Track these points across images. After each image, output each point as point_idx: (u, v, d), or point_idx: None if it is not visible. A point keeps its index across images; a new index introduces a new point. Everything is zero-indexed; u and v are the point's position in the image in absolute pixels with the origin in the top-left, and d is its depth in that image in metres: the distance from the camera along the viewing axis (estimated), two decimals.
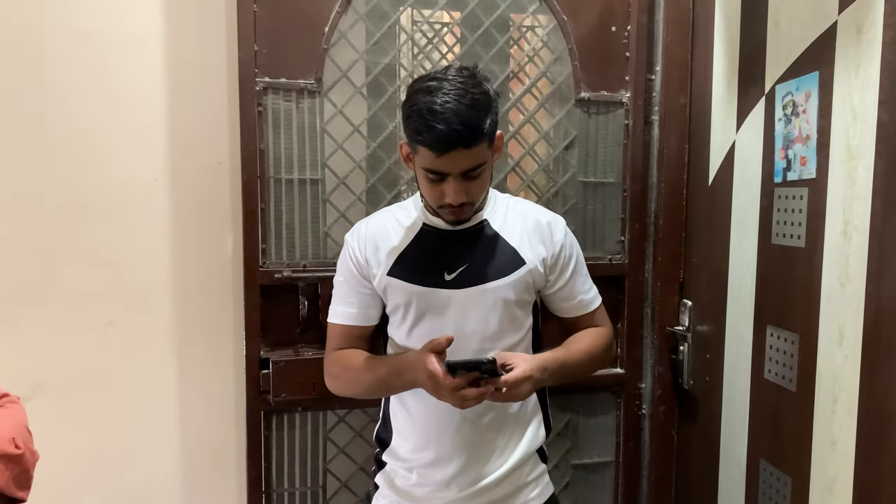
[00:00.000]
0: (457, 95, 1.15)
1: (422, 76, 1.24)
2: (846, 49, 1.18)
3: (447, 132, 1.14)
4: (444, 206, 1.27)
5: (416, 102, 1.17)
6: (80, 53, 1.60)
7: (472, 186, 1.24)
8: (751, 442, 1.50)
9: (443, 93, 1.15)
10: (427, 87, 1.18)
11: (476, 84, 1.19)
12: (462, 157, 1.18)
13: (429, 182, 1.24)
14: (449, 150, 1.17)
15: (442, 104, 1.14)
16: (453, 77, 1.18)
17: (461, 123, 1.14)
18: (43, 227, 1.62)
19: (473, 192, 1.25)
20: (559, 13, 1.69)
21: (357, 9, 1.61)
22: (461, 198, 1.23)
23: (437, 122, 1.14)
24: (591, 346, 1.42)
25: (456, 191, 1.22)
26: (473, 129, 1.17)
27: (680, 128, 1.73)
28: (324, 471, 1.71)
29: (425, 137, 1.16)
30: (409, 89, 1.23)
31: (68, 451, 1.67)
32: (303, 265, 1.62)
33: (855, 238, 1.16)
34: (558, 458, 1.80)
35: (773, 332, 1.40)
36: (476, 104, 1.17)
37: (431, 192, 1.26)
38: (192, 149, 1.68)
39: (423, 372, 1.21)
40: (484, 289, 1.33)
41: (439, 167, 1.20)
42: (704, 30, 1.66)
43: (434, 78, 1.19)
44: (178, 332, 1.72)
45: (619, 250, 1.78)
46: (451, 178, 1.21)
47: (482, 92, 1.19)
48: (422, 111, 1.15)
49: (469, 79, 1.19)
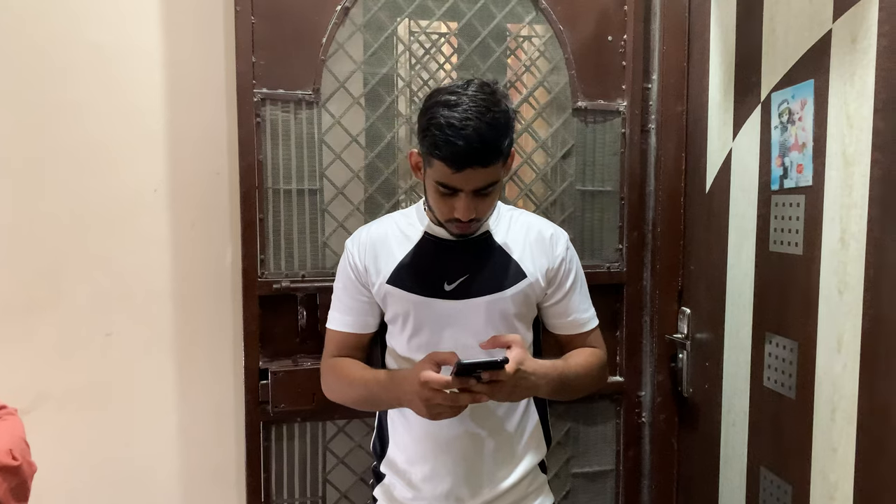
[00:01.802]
0: (478, 113, 1.13)
1: (440, 88, 1.22)
2: (841, 57, 1.19)
3: (466, 150, 1.13)
4: (453, 221, 1.26)
5: (434, 116, 1.15)
6: (81, 65, 1.61)
7: (482, 203, 1.23)
8: (751, 450, 1.50)
9: (463, 109, 1.13)
10: (446, 100, 1.16)
11: (496, 102, 1.16)
12: (477, 175, 1.17)
13: (440, 196, 1.23)
14: (465, 167, 1.15)
15: (461, 120, 1.12)
16: (474, 93, 1.16)
17: (481, 142, 1.13)
18: (42, 237, 1.62)
19: (483, 209, 1.25)
20: (556, 23, 1.70)
21: (354, 20, 1.62)
22: (471, 214, 1.22)
23: (456, 138, 1.12)
24: (587, 363, 1.39)
25: (467, 207, 1.21)
26: (492, 148, 1.15)
27: (677, 136, 1.73)
28: (323, 481, 1.70)
29: (443, 152, 1.15)
30: (428, 100, 1.21)
31: (68, 461, 1.67)
32: (301, 275, 1.62)
33: (852, 245, 1.16)
34: (559, 468, 1.80)
35: (772, 339, 1.40)
36: (496, 123, 1.15)
37: (441, 205, 1.25)
38: (191, 160, 1.68)
39: (415, 382, 1.16)
40: (484, 301, 1.32)
41: (453, 183, 1.19)
42: (700, 38, 1.66)
43: (454, 92, 1.17)
44: (177, 343, 1.72)
45: (618, 259, 1.79)
46: (463, 195, 1.20)
47: (502, 111, 1.17)
48: (441, 125, 1.13)
49: (490, 96, 1.17)
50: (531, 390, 1.24)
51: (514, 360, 1.16)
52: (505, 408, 1.36)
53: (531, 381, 1.21)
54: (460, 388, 1.15)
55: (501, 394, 1.18)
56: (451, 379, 1.14)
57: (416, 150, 1.27)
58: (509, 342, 1.21)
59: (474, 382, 1.15)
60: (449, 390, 1.15)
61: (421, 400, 1.17)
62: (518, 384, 1.19)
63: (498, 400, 1.21)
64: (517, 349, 1.20)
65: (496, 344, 1.24)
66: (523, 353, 1.20)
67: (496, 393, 1.17)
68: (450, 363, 1.16)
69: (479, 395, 1.16)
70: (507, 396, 1.20)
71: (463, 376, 1.14)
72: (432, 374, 1.15)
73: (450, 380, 1.14)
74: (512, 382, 1.17)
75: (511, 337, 1.23)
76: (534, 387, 1.23)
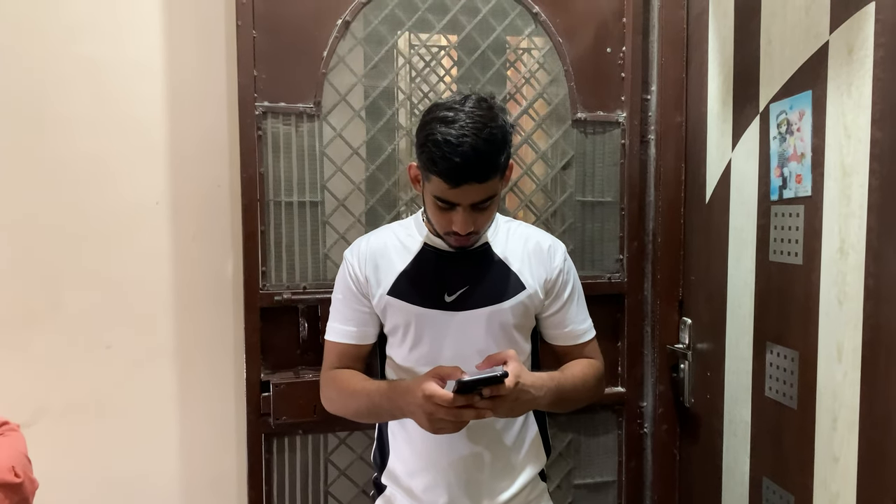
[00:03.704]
0: (475, 129, 1.14)
1: (438, 103, 1.23)
2: (838, 68, 1.19)
3: (462, 166, 1.14)
4: (451, 234, 1.27)
5: (432, 132, 1.16)
6: (83, 79, 1.62)
7: (480, 217, 1.24)
8: (753, 460, 1.49)
9: (460, 125, 1.14)
10: (444, 116, 1.17)
11: (493, 117, 1.17)
12: (474, 191, 1.18)
13: (438, 209, 1.24)
14: (462, 183, 1.16)
15: (458, 137, 1.13)
16: (471, 109, 1.17)
17: (477, 159, 1.14)
18: (44, 250, 1.62)
19: (481, 223, 1.26)
20: (555, 35, 1.72)
21: (355, 33, 1.63)
22: (469, 228, 1.23)
23: (453, 154, 1.13)
24: (584, 374, 1.38)
25: (465, 221, 1.22)
26: (489, 164, 1.16)
27: (676, 147, 1.74)
28: (325, 494, 1.70)
29: (440, 168, 1.16)
30: (425, 115, 1.22)
31: (67, 474, 1.66)
32: (303, 287, 1.63)
33: (851, 255, 1.17)
34: (560, 479, 1.79)
35: (773, 349, 1.40)
36: (493, 139, 1.16)
37: (440, 219, 1.26)
38: (193, 172, 1.69)
39: (419, 394, 1.15)
40: (484, 312, 1.32)
41: (451, 198, 1.20)
42: (698, 50, 1.67)
43: (451, 108, 1.18)
44: (178, 355, 1.72)
45: (618, 269, 1.79)
46: (461, 209, 1.21)
47: (499, 126, 1.18)
48: (438, 141, 1.14)
49: (487, 111, 1.18)
50: (531, 404, 1.23)
51: (512, 374, 1.16)
52: (504, 420, 1.36)
53: (531, 395, 1.20)
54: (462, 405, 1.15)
55: (503, 409, 1.17)
56: (453, 396, 1.13)
57: (416, 164, 1.28)
58: (504, 359, 1.21)
59: (477, 399, 1.15)
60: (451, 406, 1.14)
61: (424, 413, 1.16)
62: (519, 397, 1.18)
63: (500, 416, 1.20)
64: (513, 363, 1.19)
65: (492, 362, 1.24)
66: (520, 366, 1.20)
67: (498, 408, 1.16)
68: (454, 378, 1.16)
69: (482, 412, 1.15)
70: (509, 412, 1.20)
71: (465, 394, 1.14)
72: (436, 389, 1.14)
73: (452, 397, 1.13)
74: (513, 396, 1.16)
75: (506, 353, 1.22)
76: (533, 400, 1.22)
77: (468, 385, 1.12)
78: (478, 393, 1.14)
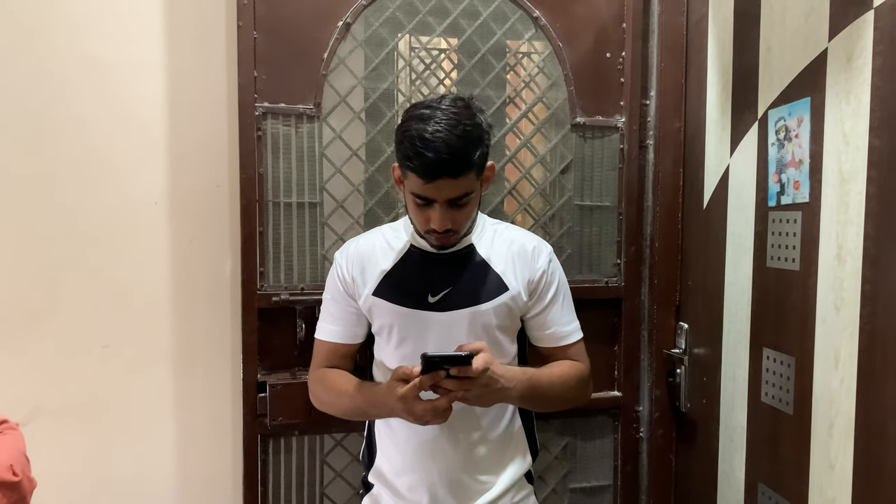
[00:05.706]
0: (448, 125, 1.17)
1: (417, 103, 1.27)
2: (837, 76, 1.20)
3: (435, 161, 1.17)
4: (430, 232, 1.29)
5: (408, 129, 1.20)
6: (83, 79, 1.62)
7: (457, 214, 1.26)
8: (749, 465, 1.50)
9: (435, 121, 1.18)
10: (420, 114, 1.20)
11: (469, 115, 1.21)
12: (449, 186, 1.21)
13: (416, 207, 1.27)
14: (435, 178, 1.19)
15: (433, 133, 1.17)
16: (447, 107, 1.20)
17: (449, 153, 1.17)
18: (42, 249, 1.62)
19: (458, 220, 1.27)
20: (555, 40, 1.72)
21: (356, 35, 1.64)
22: (446, 224, 1.25)
23: (426, 149, 1.16)
24: (563, 374, 1.39)
25: (441, 218, 1.24)
26: (461, 159, 1.19)
27: (674, 152, 1.74)
28: (320, 495, 1.69)
29: (414, 164, 1.19)
30: (404, 115, 1.26)
31: (64, 473, 1.66)
32: (300, 288, 1.63)
33: (849, 262, 1.17)
34: (556, 482, 1.79)
35: (770, 355, 1.41)
36: (466, 135, 1.19)
37: (418, 216, 1.28)
38: (192, 172, 1.69)
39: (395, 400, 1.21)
40: (467, 313, 1.34)
41: (426, 193, 1.22)
42: (698, 56, 1.68)
43: (428, 106, 1.22)
44: (175, 355, 1.72)
45: (616, 273, 1.79)
46: (438, 205, 1.23)
47: (474, 123, 1.21)
48: (413, 138, 1.18)
49: (463, 109, 1.21)
50: (501, 394, 1.25)
51: (482, 360, 1.19)
52: (489, 418, 1.38)
53: (500, 385, 1.23)
54: (431, 385, 1.19)
55: (472, 393, 1.21)
56: (420, 378, 1.17)
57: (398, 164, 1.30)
58: (475, 349, 1.23)
59: (443, 374, 1.18)
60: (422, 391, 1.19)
61: (402, 406, 1.21)
62: (489, 384, 1.21)
63: (471, 403, 1.24)
64: (484, 354, 1.22)
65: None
66: (490, 357, 1.23)
67: (467, 392, 1.20)
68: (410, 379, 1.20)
69: (453, 393, 1.19)
70: (479, 399, 1.23)
71: (431, 371, 1.17)
72: (404, 389, 1.19)
73: (419, 379, 1.17)
74: (482, 382, 1.19)
75: (476, 344, 1.25)
76: (503, 390, 1.25)
77: (433, 361, 1.16)
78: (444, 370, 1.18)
